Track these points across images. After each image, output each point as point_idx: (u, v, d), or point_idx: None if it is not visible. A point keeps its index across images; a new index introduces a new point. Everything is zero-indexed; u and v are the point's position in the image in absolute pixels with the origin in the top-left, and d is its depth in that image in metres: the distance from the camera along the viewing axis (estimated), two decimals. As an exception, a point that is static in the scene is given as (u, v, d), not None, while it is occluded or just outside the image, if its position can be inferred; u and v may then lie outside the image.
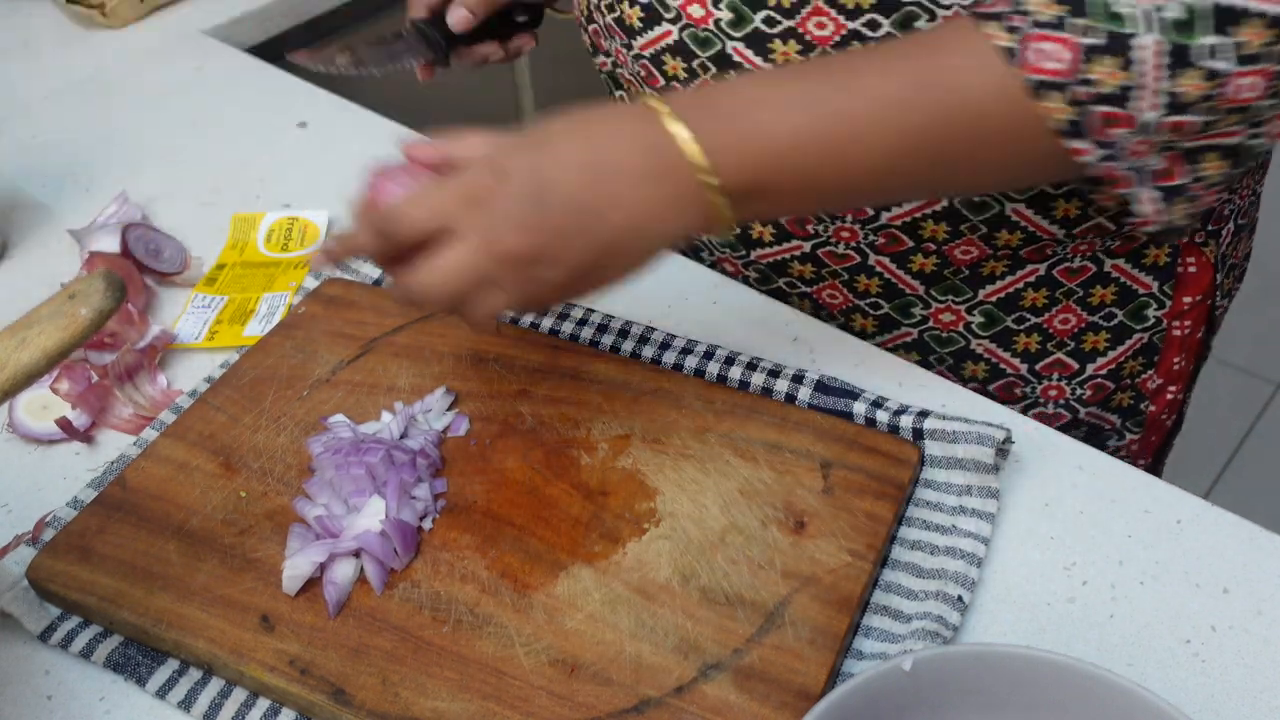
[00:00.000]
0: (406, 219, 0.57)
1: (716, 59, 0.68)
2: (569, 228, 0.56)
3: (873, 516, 0.61)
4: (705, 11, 0.67)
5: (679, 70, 0.71)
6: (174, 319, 0.80)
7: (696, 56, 0.69)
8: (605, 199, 0.56)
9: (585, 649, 0.56)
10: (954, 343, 0.79)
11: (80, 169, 0.95)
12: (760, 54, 0.67)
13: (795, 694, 0.54)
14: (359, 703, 0.55)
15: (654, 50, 0.71)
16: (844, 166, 0.57)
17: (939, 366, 0.80)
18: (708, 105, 0.58)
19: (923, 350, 0.80)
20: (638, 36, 0.72)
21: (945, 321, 0.78)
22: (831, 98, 0.57)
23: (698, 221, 0.58)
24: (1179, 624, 0.58)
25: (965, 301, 0.77)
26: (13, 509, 0.67)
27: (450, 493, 0.64)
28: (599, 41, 0.79)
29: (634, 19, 0.71)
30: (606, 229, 0.56)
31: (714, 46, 0.68)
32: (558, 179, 0.56)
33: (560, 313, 0.76)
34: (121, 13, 1.14)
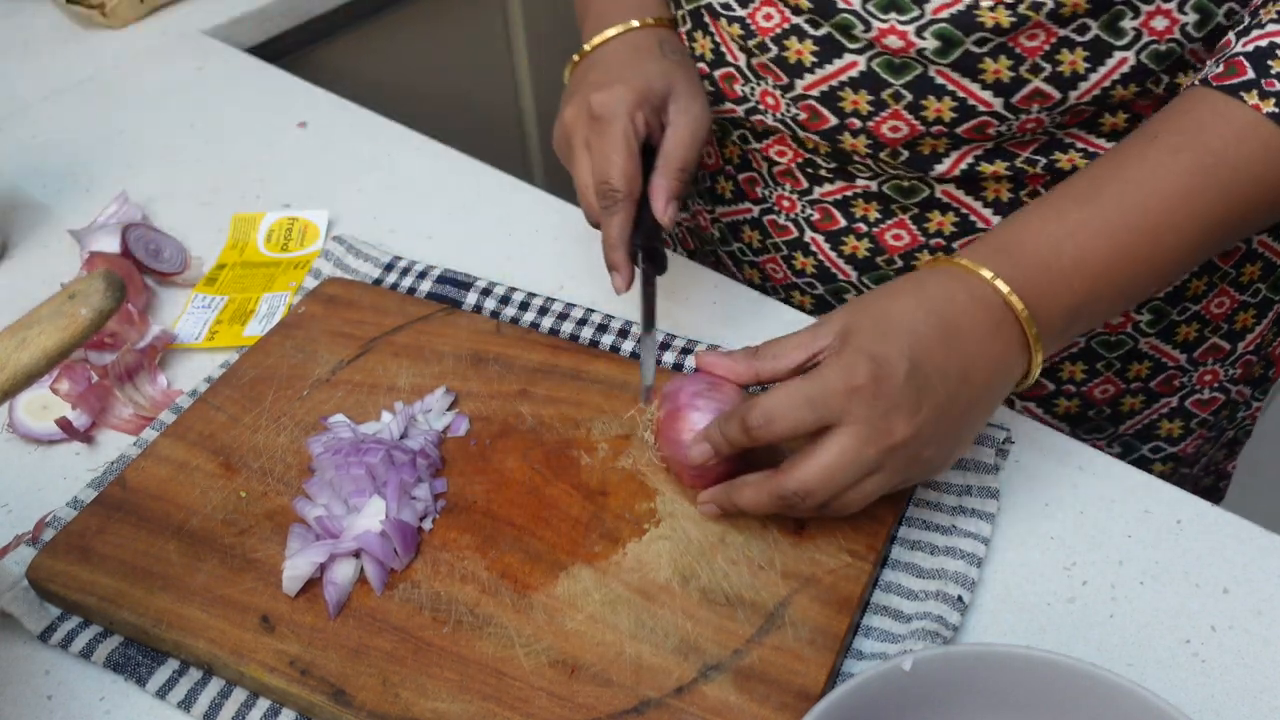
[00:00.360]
0: (790, 419, 0.55)
1: (915, 84, 0.66)
2: (944, 400, 0.55)
3: (873, 517, 0.61)
4: (905, 43, 0.65)
5: (861, 105, 0.68)
6: (174, 319, 0.80)
7: (888, 85, 0.67)
8: (966, 362, 0.56)
9: (585, 650, 0.56)
10: None
11: (80, 169, 0.95)
12: (969, 76, 0.65)
13: (795, 694, 0.54)
14: (359, 703, 0.55)
15: (828, 87, 0.69)
16: (1152, 267, 0.60)
17: None
18: (1015, 254, 0.59)
19: None
20: (806, 74, 0.69)
21: None
22: (1123, 216, 0.59)
23: (1025, 366, 0.59)
24: (1179, 624, 0.58)
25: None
26: (13, 509, 0.67)
27: (450, 493, 0.64)
28: (730, 88, 0.75)
29: (805, 54, 0.69)
30: (972, 392, 0.56)
31: (913, 71, 0.66)
32: (928, 354, 0.55)
33: (560, 313, 0.76)
34: (121, 13, 1.14)
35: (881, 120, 0.68)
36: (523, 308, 0.77)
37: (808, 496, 0.55)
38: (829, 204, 0.76)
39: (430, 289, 0.79)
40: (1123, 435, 0.82)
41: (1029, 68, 0.64)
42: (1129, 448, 0.83)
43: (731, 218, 0.83)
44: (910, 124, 0.68)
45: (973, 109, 0.66)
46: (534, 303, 0.77)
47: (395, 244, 0.86)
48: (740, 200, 0.81)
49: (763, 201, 0.79)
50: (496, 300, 0.77)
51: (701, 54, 0.75)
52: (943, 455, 0.57)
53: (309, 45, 1.29)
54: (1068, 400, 0.80)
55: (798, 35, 0.68)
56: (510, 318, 0.77)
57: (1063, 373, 0.79)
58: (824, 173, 0.74)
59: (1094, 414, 0.81)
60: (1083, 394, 0.80)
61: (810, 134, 0.72)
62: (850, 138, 0.70)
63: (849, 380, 0.54)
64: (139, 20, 1.16)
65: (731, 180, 0.81)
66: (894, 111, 0.68)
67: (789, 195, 0.77)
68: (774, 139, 0.75)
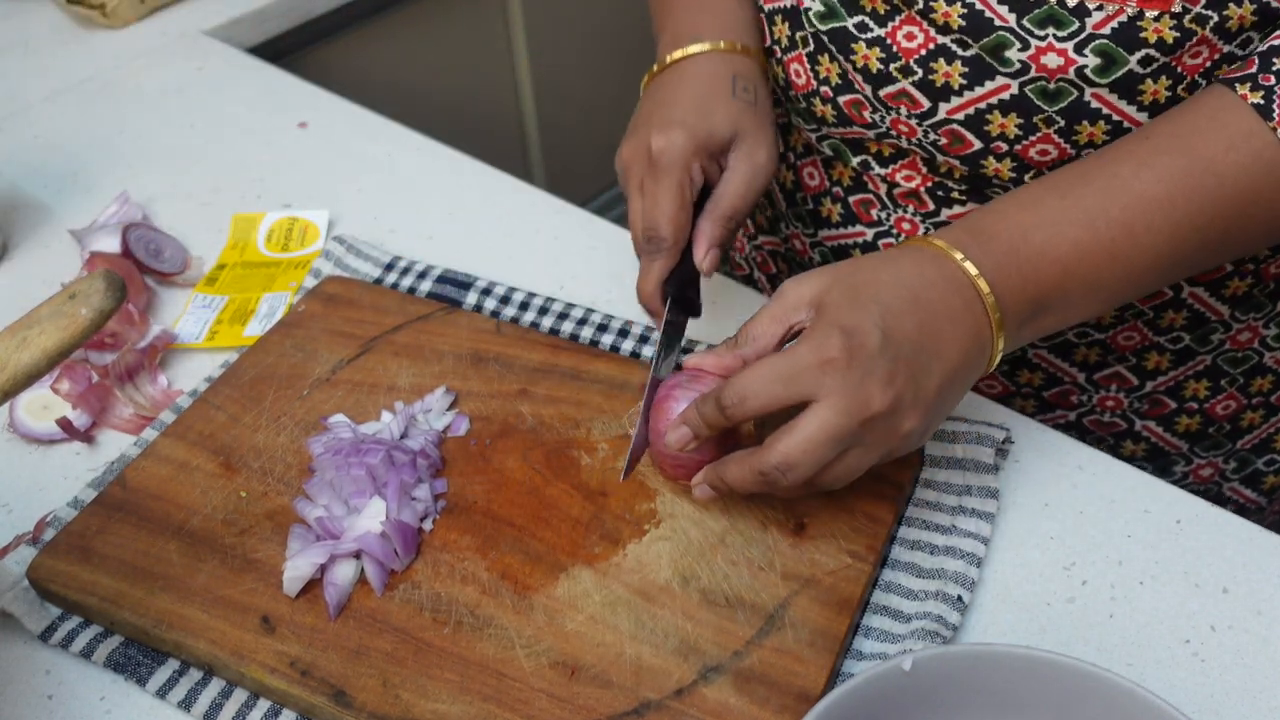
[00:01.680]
0: (764, 395, 0.55)
1: (1069, 110, 0.64)
2: (918, 370, 0.55)
3: (872, 517, 0.61)
4: (1064, 60, 0.62)
5: (1009, 129, 0.66)
6: (174, 319, 0.80)
7: (1040, 111, 0.64)
8: (937, 335, 0.56)
9: (585, 651, 0.56)
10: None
11: (80, 169, 0.95)
12: (1127, 98, 0.63)
13: (795, 696, 0.54)
14: (360, 704, 0.55)
15: (974, 110, 0.66)
16: (1125, 267, 0.59)
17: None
18: (985, 238, 0.59)
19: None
20: (952, 98, 0.66)
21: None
22: (1102, 207, 0.58)
23: (991, 350, 0.59)
24: (1179, 624, 0.58)
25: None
26: (13, 509, 0.67)
27: (450, 493, 0.64)
28: (857, 114, 0.72)
29: (954, 77, 0.66)
30: (946, 365, 0.56)
31: (1068, 97, 0.63)
32: (899, 324, 0.56)
33: (560, 313, 0.76)
34: (121, 13, 1.14)
35: (1031, 144, 0.66)
36: (523, 308, 0.77)
37: (789, 470, 0.55)
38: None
39: (430, 289, 0.79)
40: (1239, 450, 0.81)
41: (1187, 86, 0.62)
42: (1244, 461, 0.82)
43: (838, 241, 0.80)
44: (1060, 147, 0.66)
45: (1127, 131, 0.64)
46: (534, 303, 0.77)
47: (395, 244, 0.86)
48: (850, 223, 0.78)
49: (878, 225, 0.76)
50: (496, 300, 0.77)
51: (826, 78, 0.72)
52: (921, 427, 0.57)
53: (309, 45, 1.29)
54: (1189, 418, 0.79)
55: (945, 56, 0.66)
56: (510, 317, 0.77)
57: (1186, 390, 0.77)
58: (955, 194, 0.72)
59: (1214, 430, 0.80)
60: (1204, 411, 0.78)
61: (950, 158, 0.69)
62: (994, 161, 0.68)
63: (822, 353, 0.54)
64: (139, 20, 1.16)
65: (840, 203, 0.78)
66: (1045, 135, 0.65)
67: (910, 218, 0.74)
68: (903, 163, 0.73)
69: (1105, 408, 0.79)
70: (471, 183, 0.92)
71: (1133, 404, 0.79)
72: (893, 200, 0.75)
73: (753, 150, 0.68)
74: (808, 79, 0.73)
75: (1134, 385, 0.78)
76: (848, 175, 0.77)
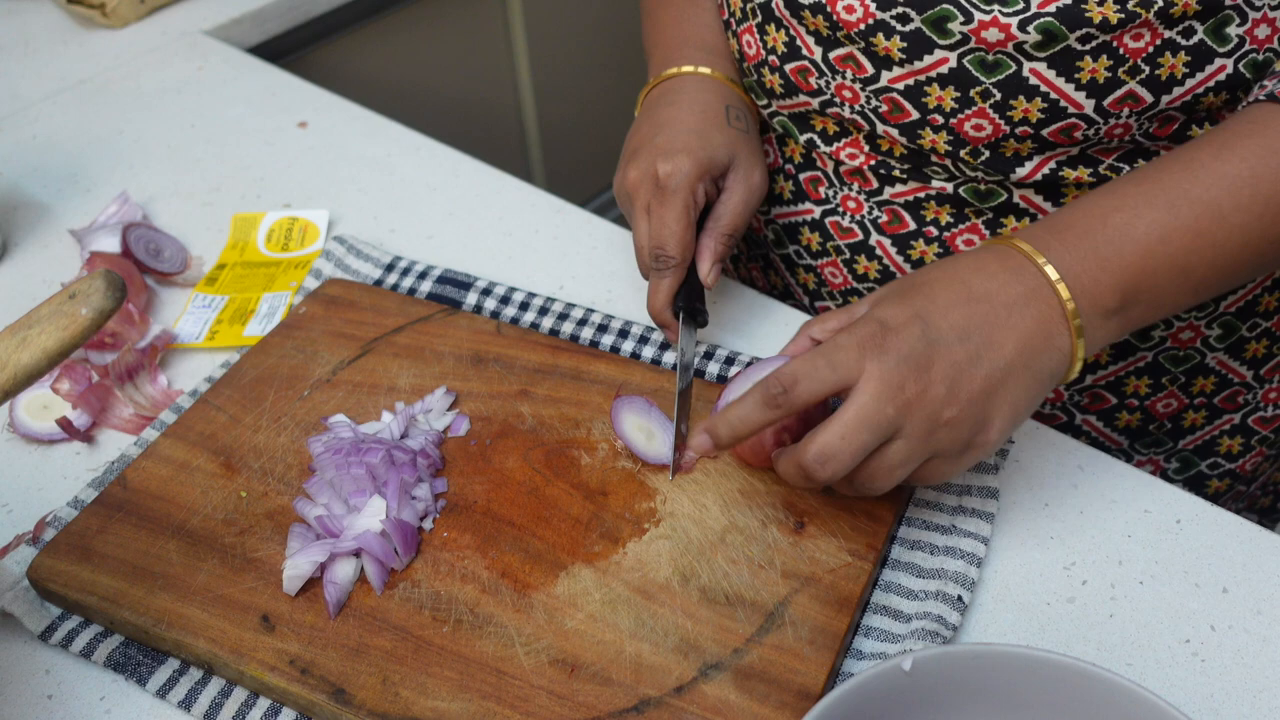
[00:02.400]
0: (806, 380, 0.55)
1: (1006, 83, 0.65)
2: (962, 359, 0.55)
3: (873, 516, 0.61)
4: (1006, 35, 0.63)
5: (946, 101, 0.67)
6: (174, 319, 0.80)
7: (978, 83, 0.66)
8: (991, 326, 0.56)
9: (585, 649, 0.56)
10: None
11: (80, 169, 0.95)
12: (1064, 73, 0.64)
13: (795, 694, 0.54)
14: (359, 702, 0.55)
15: (914, 81, 0.68)
16: (1213, 249, 0.58)
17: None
18: (1059, 230, 0.58)
19: None
20: (894, 68, 0.68)
21: None
22: (1182, 188, 0.58)
23: (1070, 345, 0.57)
24: (1178, 624, 0.59)
25: None
26: (13, 509, 0.67)
27: (450, 493, 0.64)
28: (804, 81, 0.73)
29: (893, 50, 0.67)
30: (998, 355, 0.56)
31: (1005, 70, 0.65)
32: (944, 314, 0.56)
33: (560, 313, 0.76)
34: (121, 13, 1.14)
35: (965, 118, 0.67)
36: (523, 308, 0.77)
37: (828, 461, 0.55)
38: (899, 205, 0.75)
39: (430, 289, 0.79)
40: (1181, 450, 0.82)
41: (1128, 69, 0.63)
42: (1187, 463, 0.83)
43: (789, 219, 0.82)
44: (995, 123, 0.67)
45: (1062, 110, 0.65)
46: (534, 303, 0.77)
47: (395, 244, 0.86)
48: (800, 201, 0.80)
49: (826, 202, 0.78)
50: (496, 300, 0.77)
51: (773, 47, 0.74)
52: (971, 422, 0.55)
53: (309, 45, 1.30)
54: (1129, 414, 0.79)
55: (884, 31, 0.67)
56: (510, 318, 0.77)
57: (1127, 386, 0.78)
58: (897, 173, 0.74)
59: (1154, 428, 0.80)
60: (1145, 408, 0.79)
61: (890, 127, 0.71)
62: (931, 134, 0.69)
63: (858, 338, 0.55)
64: (139, 20, 1.16)
65: (791, 180, 0.81)
66: (980, 110, 0.67)
67: (856, 196, 0.76)
68: (847, 141, 0.74)
69: (1046, 400, 0.80)
70: (471, 183, 0.92)
71: (1073, 397, 0.79)
72: (839, 178, 0.77)
73: (748, 173, 0.73)
74: (757, 49, 0.76)
75: (1074, 379, 0.78)
76: (798, 153, 0.79)
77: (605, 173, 1.97)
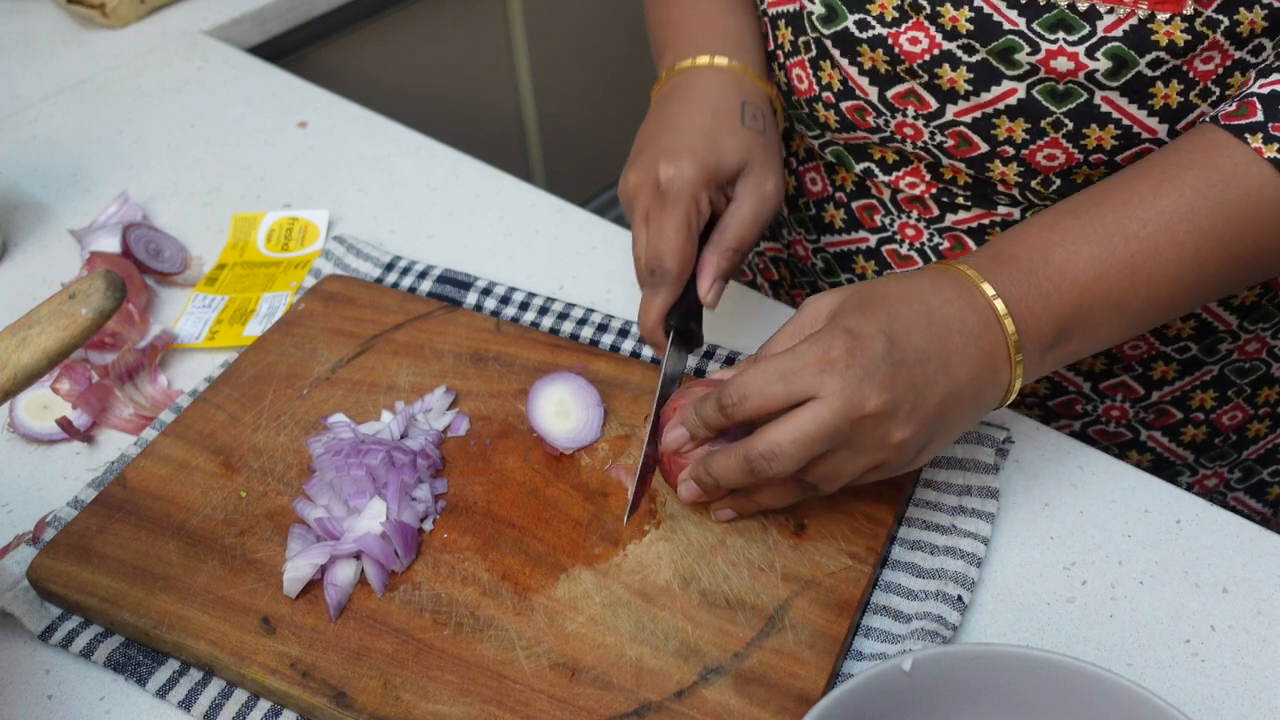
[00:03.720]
0: (764, 393, 0.55)
1: (1077, 112, 0.64)
2: (921, 382, 0.55)
3: (872, 519, 0.61)
4: (1075, 64, 0.62)
5: (1017, 133, 0.66)
6: (174, 319, 0.80)
7: (1049, 113, 0.64)
8: (948, 352, 0.56)
9: (586, 652, 0.56)
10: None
11: (80, 169, 0.95)
12: (1137, 101, 0.62)
13: (795, 698, 0.54)
14: (360, 705, 0.55)
15: (981, 114, 0.66)
16: (1149, 285, 0.58)
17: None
18: (1005, 259, 0.58)
19: None
20: (959, 101, 0.66)
21: None
22: (1120, 224, 0.58)
23: (1009, 378, 0.58)
24: (1179, 624, 0.58)
25: None
26: (13, 509, 0.67)
27: (450, 493, 0.64)
28: (860, 119, 0.71)
29: (959, 83, 0.66)
30: (952, 382, 0.56)
31: (1077, 99, 0.63)
32: (907, 335, 0.55)
33: (560, 313, 0.76)
34: (121, 13, 1.14)
35: (1038, 149, 0.66)
36: (523, 307, 0.77)
37: (773, 460, 0.54)
38: (961, 232, 0.73)
39: (430, 289, 0.79)
40: (1245, 460, 0.82)
41: (1199, 92, 0.62)
42: (1249, 471, 0.82)
43: (841, 247, 0.79)
44: (1068, 152, 0.65)
45: (1136, 136, 0.64)
46: (534, 302, 0.77)
47: (395, 244, 0.86)
48: (854, 229, 0.77)
49: (882, 230, 0.76)
50: (496, 300, 0.77)
51: (828, 84, 0.72)
52: (917, 442, 0.56)
53: (309, 45, 1.29)
54: (1195, 428, 0.79)
55: (950, 62, 0.65)
56: (510, 317, 0.77)
57: (1193, 400, 0.77)
58: (960, 200, 0.72)
59: (1220, 441, 0.80)
60: (1211, 421, 0.78)
61: (955, 161, 0.69)
62: (1000, 165, 0.68)
63: (824, 353, 0.54)
64: (139, 20, 1.16)
65: (843, 208, 0.78)
66: (1052, 140, 0.65)
67: (915, 223, 0.74)
68: (907, 170, 0.72)
69: (1110, 417, 0.79)
70: (471, 183, 0.92)
71: (1138, 414, 0.78)
72: (897, 206, 0.75)
73: (761, 181, 0.67)
74: (810, 84, 0.73)
75: (1140, 395, 0.78)
76: (850, 181, 0.77)
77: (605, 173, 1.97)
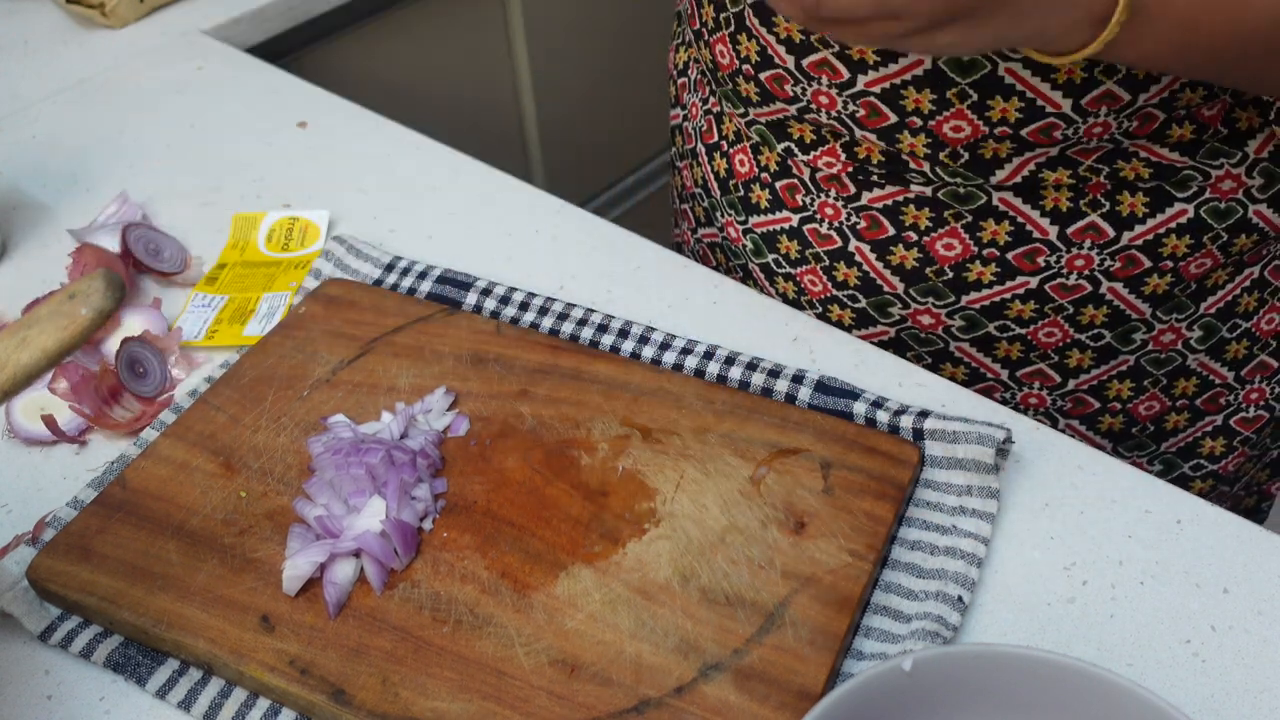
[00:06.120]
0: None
1: (982, 83, 0.65)
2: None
3: (873, 517, 0.61)
4: None
5: (924, 103, 0.67)
6: (174, 318, 0.80)
7: (954, 84, 0.65)
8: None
9: (585, 649, 0.56)
10: (932, 344, 0.79)
11: (80, 169, 0.95)
12: (1040, 74, 0.63)
13: (795, 694, 0.54)
14: (359, 703, 0.55)
15: (890, 85, 0.67)
16: (1231, 17, 0.55)
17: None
18: None
19: (899, 349, 0.80)
20: (869, 71, 0.67)
21: (924, 324, 0.78)
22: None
23: (1083, 13, 0.54)
24: (1179, 624, 0.58)
25: (946, 306, 0.76)
26: (13, 509, 0.67)
27: (450, 493, 0.64)
28: (779, 88, 0.72)
29: (868, 53, 0.67)
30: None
31: (980, 70, 0.64)
32: None
33: (560, 313, 0.76)
34: (121, 13, 1.14)
35: (944, 120, 0.67)
36: (523, 308, 0.77)
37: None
38: (877, 210, 0.74)
39: (430, 289, 0.79)
40: (1164, 453, 0.82)
41: (1103, 69, 0.63)
42: (1170, 465, 0.83)
43: (767, 228, 0.81)
44: (974, 124, 0.66)
45: (1040, 110, 0.65)
46: (534, 303, 0.77)
47: (395, 244, 0.86)
48: (778, 209, 0.79)
49: (803, 210, 0.78)
50: (496, 300, 0.77)
51: (746, 56, 0.73)
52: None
53: (309, 45, 1.29)
54: (1112, 417, 0.79)
55: None
56: (510, 318, 0.77)
57: (1110, 390, 0.78)
58: (875, 177, 0.73)
59: (1137, 431, 0.80)
60: (1128, 411, 0.79)
61: (867, 132, 0.70)
62: (909, 136, 0.69)
63: None
64: (139, 20, 1.16)
65: (768, 189, 0.80)
66: (958, 110, 0.66)
67: (833, 202, 0.76)
68: (824, 149, 0.74)
69: (1029, 405, 0.80)
70: (471, 183, 0.92)
71: (1055, 402, 0.79)
72: (816, 185, 0.76)
73: None
74: (731, 58, 0.75)
75: (1056, 383, 0.78)
76: (774, 160, 0.78)
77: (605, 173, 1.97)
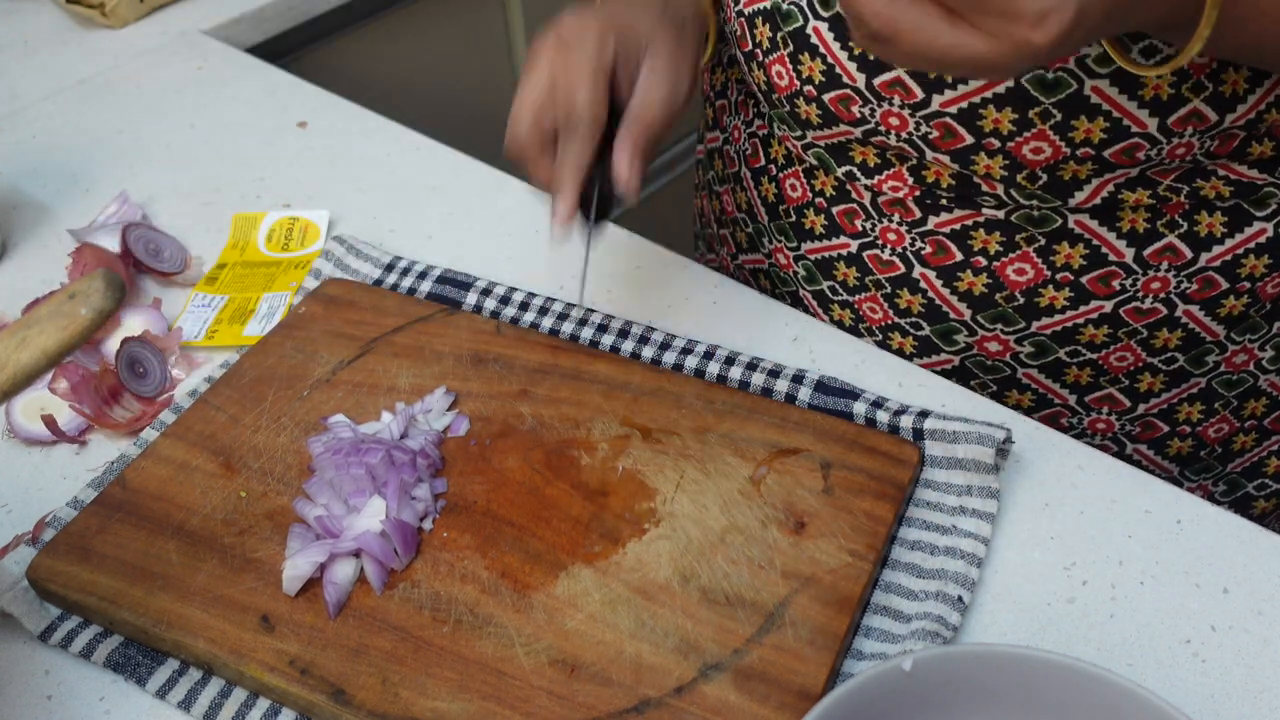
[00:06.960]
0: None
1: (1066, 103, 0.62)
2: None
3: (873, 517, 0.61)
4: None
5: (1003, 124, 0.64)
6: (174, 318, 0.80)
7: (1037, 103, 0.63)
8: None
9: (585, 649, 0.56)
10: (998, 371, 0.77)
11: (80, 169, 0.95)
12: (1127, 92, 0.61)
13: (795, 694, 0.54)
14: (359, 703, 0.55)
15: (968, 104, 0.65)
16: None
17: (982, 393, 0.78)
18: None
19: (963, 378, 0.78)
20: (946, 90, 0.65)
21: (991, 351, 0.76)
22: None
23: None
24: (1179, 624, 0.58)
25: (1016, 332, 0.74)
26: (13, 509, 0.67)
27: (450, 493, 0.64)
28: (845, 110, 0.69)
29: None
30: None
31: (1066, 89, 0.62)
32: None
33: (560, 313, 0.76)
34: (121, 13, 1.14)
35: (1024, 140, 0.64)
36: (523, 308, 0.77)
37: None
38: (943, 235, 0.71)
39: (430, 289, 0.79)
40: (1229, 473, 0.81)
41: (1191, 86, 0.61)
42: (1234, 485, 0.82)
43: (821, 254, 0.78)
44: (1055, 145, 0.64)
45: (1126, 129, 0.63)
46: (534, 303, 0.77)
47: (395, 244, 0.86)
48: (834, 235, 0.76)
49: (863, 235, 0.75)
50: (496, 300, 0.77)
51: (809, 77, 0.70)
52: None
53: (309, 45, 1.29)
54: (1180, 441, 0.78)
55: None
56: (510, 318, 0.77)
57: (1179, 414, 0.77)
58: (943, 201, 0.70)
59: (1205, 454, 0.79)
60: (1197, 434, 0.78)
61: (940, 154, 0.68)
62: (986, 158, 0.66)
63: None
64: (138, 20, 1.16)
65: (823, 214, 0.77)
66: (1039, 131, 0.64)
67: (896, 227, 0.73)
68: (889, 173, 0.71)
69: (1096, 430, 0.79)
70: (471, 183, 0.92)
71: (1124, 426, 0.78)
72: (878, 209, 0.74)
73: (668, 66, 0.63)
74: (790, 79, 0.72)
75: (1126, 408, 0.77)
76: (830, 185, 0.76)
77: (605, 173, 1.97)
